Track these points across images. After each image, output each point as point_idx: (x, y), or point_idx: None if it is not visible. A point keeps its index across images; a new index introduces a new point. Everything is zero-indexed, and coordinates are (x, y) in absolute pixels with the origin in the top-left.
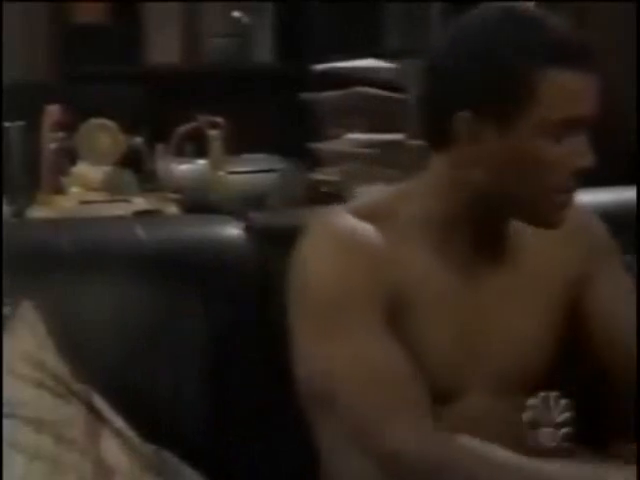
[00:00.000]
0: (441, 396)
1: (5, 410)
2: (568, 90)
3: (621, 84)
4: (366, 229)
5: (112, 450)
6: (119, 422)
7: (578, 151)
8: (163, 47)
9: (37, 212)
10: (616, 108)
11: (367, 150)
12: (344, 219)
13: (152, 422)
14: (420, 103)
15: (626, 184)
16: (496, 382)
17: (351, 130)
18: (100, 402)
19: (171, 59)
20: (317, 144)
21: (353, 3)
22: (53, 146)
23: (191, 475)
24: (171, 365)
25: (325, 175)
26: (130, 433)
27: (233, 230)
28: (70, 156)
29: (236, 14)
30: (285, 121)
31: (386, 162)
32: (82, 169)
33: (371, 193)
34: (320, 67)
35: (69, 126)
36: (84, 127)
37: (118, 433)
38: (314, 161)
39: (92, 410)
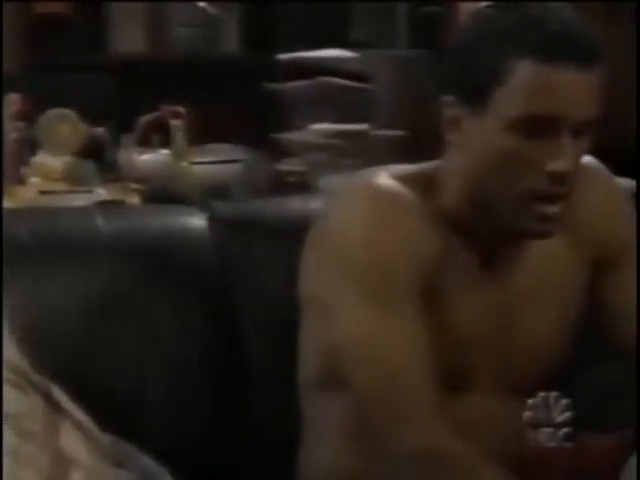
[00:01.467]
0: (450, 387)
1: None
2: (542, 85)
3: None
4: (409, 196)
5: (71, 442)
6: (79, 413)
7: (551, 153)
8: (129, 37)
9: None
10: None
11: (332, 140)
12: (387, 182)
13: (113, 413)
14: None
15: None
16: (508, 381)
17: (316, 120)
18: (59, 394)
19: (137, 49)
20: (283, 134)
21: None
22: (14, 136)
23: (151, 466)
24: (133, 356)
25: (290, 165)
26: (90, 424)
27: (196, 220)
28: (32, 146)
29: (202, 4)
30: (251, 111)
31: (351, 152)
32: (42, 159)
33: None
34: (286, 57)
35: (30, 116)
36: (44, 117)
37: (78, 425)
38: (279, 151)
39: (51, 402)
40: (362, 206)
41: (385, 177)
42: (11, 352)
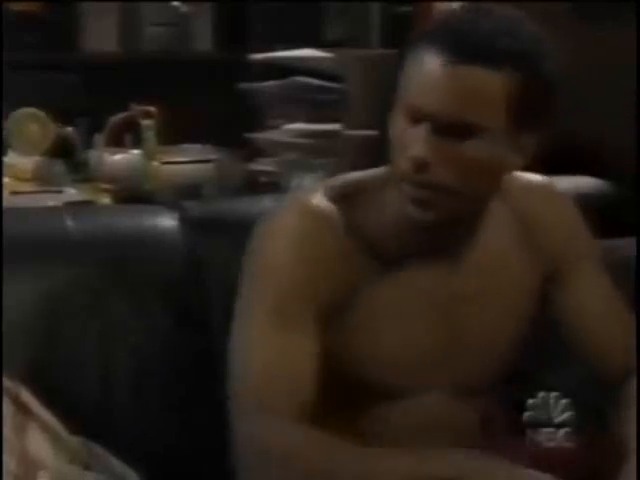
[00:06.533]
0: (394, 392)
1: None
2: (423, 76)
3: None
4: (334, 217)
5: (38, 444)
6: (47, 415)
7: (413, 140)
8: (100, 35)
9: None
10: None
11: (305, 140)
12: (317, 202)
13: (80, 415)
14: None
15: None
16: (459, 383)
17: (289, 120)
18: (28, 396)
19: (108, 47)
20: (255, 134)
21: None
22: None
23: (120, 467)
24: (100, 358)
25: (263, 165)
26: (58, 427)
27: (167, 221)
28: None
29: (175, 3)
30: (224, 110)
31: (324, 152)
32: (12, 159)
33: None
34: (259, 56)
35: None
36: (13, 116)
37: (45, 427)
38: (252, 151)
39: (19, 405)
40: (284, 224)
41: (319, 196)
42: None
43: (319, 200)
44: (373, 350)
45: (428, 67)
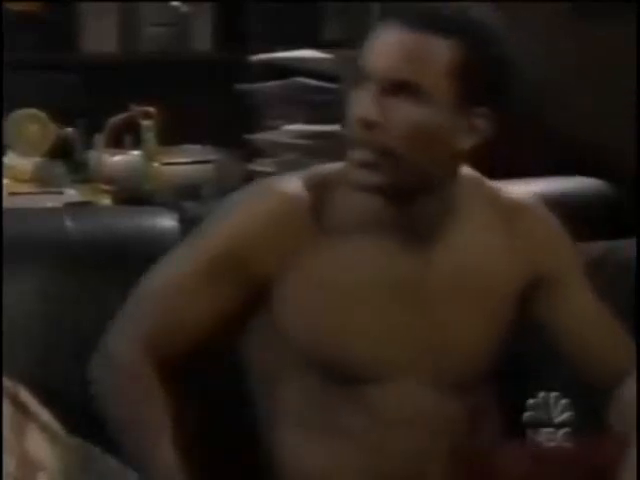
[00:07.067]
0: (365, 374)
1: None
2: (374, 43)
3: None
4: (296, 196)
5: (37, 445)
6: (45, 416)
7: (360, 102)
8: (100, 35)
9: None
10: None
11: (304, 141)
12: (279, 183)
13: (79, 415)
14: None
15: None
16: (443, 377)
17: (289, 121)
18: (27, 396)
19: (108, 48)
20: (254, 135)
21: None
22: None
23: (118, 468)
24: None
25: (262, 166)
26: (56, 427)
27: (167, 221)
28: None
29: (175, 3)
30: (223, 111)
31: (323, 153)
32: (11, 160)
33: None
34: (259, 57)
35: None
36: (13, 117)
37: (44, 427)
38: (251, 152)
39: (18, 405)
40: (248, 198)
41: (287, 179)
42: None
43: (285, 181)
44: (321, 324)
45: (379, 35)
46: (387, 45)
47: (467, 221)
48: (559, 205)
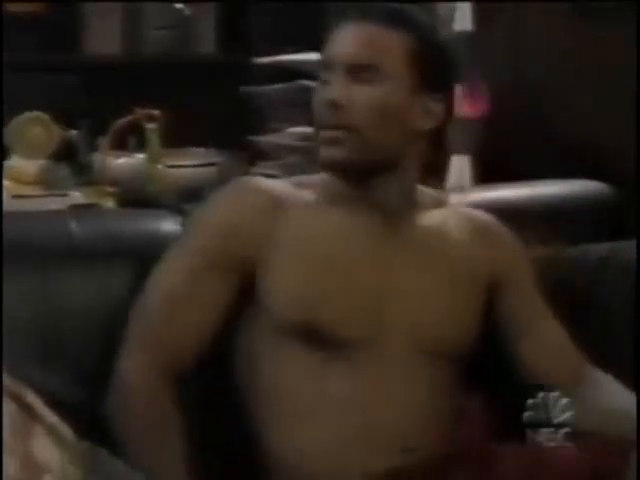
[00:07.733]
0: (344, 336)
1: None
2: (337, 35)
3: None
4: (273, 187)
5: (43, 447)
6: (52, 418)
7: (327, 88)
8: (103, 37)
9: None
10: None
11: (307, 143)
12: (260, 179)
13: (86, 418)
14: None
15: None
16: (409, 339)
17: (293, 123)
18: (33, 398)
19: (111, 49)
20: (258, 137)
21: None
22: None
23: (126, 471)
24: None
25: (265, 169)
26: (63, 429)
27: (170, 224)
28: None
29: (178, 5)
30: (227, 114)
31: None
32: (15, 163)
33: None
34: (262, 60)
35: None
36: (16, 120)
37: (51, 429)
38: (255, 154)
39: (24, 407)
40: (224, 194)
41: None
42: None
43: (259, 177)
44: (300, 290)
45: (340, 29)
46: (348, 36)
47: (431, 215)
48: (560, 207)
